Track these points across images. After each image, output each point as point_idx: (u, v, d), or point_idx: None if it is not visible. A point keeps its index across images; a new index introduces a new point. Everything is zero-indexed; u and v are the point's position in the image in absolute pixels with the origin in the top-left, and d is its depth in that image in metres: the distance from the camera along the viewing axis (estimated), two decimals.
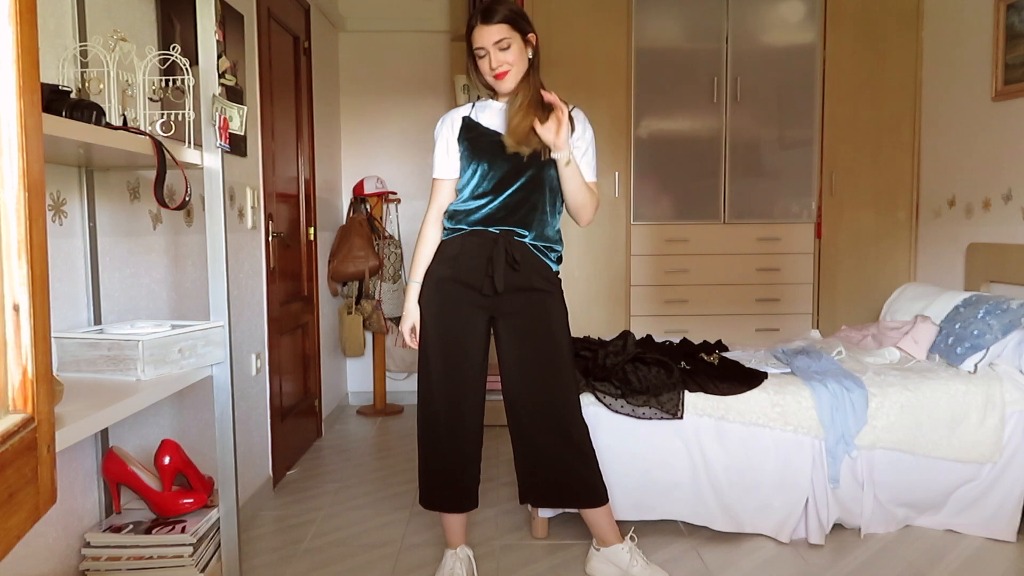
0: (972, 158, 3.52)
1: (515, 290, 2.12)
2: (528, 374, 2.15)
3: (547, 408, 2.15)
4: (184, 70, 1.73)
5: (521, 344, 2.15)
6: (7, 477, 0.51)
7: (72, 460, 1.74)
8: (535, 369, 2.15)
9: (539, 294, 2.14)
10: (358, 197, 4.33)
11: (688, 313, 4.00)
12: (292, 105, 3.55)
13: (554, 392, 2.14)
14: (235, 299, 2.74)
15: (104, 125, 1.41)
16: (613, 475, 2.44)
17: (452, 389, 2.15)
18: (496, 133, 2.13)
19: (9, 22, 0.52)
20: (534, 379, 2.15)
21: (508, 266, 2.09)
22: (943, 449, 2.53)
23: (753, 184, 3.97)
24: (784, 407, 2.50)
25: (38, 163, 0.56)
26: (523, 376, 2.15)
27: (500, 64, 2.07)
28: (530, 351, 2.14)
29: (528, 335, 2.15)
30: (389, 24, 4.42)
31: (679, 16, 3.93)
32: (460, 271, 2.12)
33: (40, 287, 0.56)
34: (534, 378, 2.15)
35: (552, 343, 2.15)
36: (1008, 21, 3.23)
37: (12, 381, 0.55)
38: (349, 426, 4.15)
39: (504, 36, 2.05)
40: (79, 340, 1.58)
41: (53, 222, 1.67)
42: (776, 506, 2.51)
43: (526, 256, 2.12)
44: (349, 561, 2.44)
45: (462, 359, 2.14)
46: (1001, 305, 2.77)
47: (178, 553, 1.75)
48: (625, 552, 2.25)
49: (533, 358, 2.14)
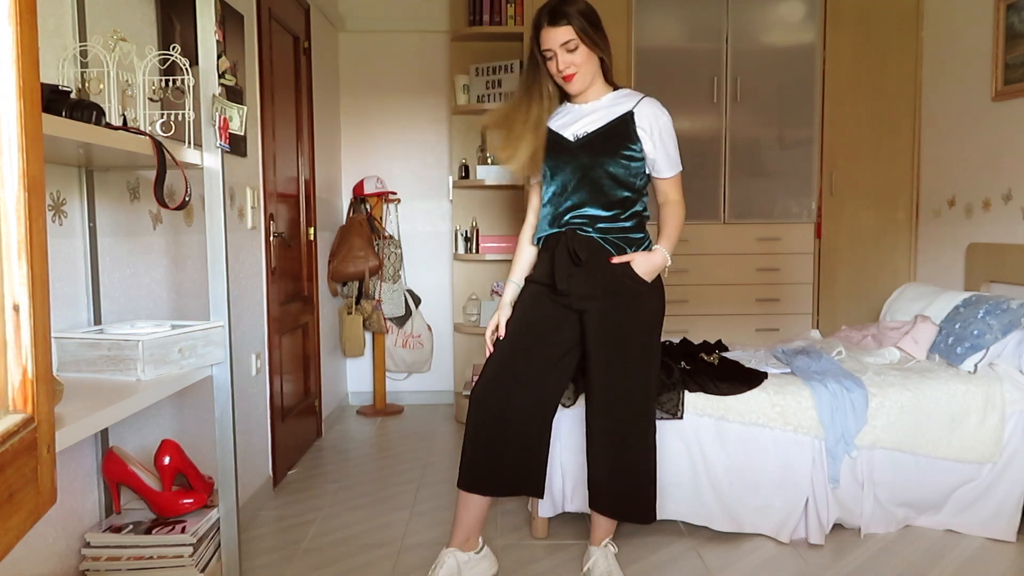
0: (972, 158, 3.52)
1: (591, 290, 2.10)
2: (603, 383, 2.12)
3: (619, 422, 2.13)
4: (184, 70, 1.73)
5: (598, 349, 2.11)
6: (7, 477, 0.51)
7: (72, 460, 1.74)
8: (610, 378, 2.11)
9: (617, 294, 2.09)
10: (358, 197, 4.33)
11: (688, 313, 4.00)
12: (292, 105, 3.55)
13: (628, 403, 2.13)
14: (235, 299, 2.74)
15: (104, 125, 1.41)
16: None
17: (521, 366, 2.12)
18: (557, 134, 2.14)
19: (9, 22, 0.52)
20: (609, 388, 2.12)
21: (571, 263, 2.08)
22: (943, 449, 2.53)
23: (753, 184, 3.97)
24: (784, 407, 2.50)
25: (38, 163, 0.56)
26: (600, 384, 2.13)
27: (568, 66, 2.05)
28: (604, 358, 2.11)
29: (603, 339, 2.11)
30: (389, 24, 4.42)
31: (679, 16, 3.93)
32: (541, 274, 2.18)
33: (40, 287, 0.56)
34: (609, 387, 2.12)
35: (626, 349, 2.11)
36: (1008, 21, 3.23)
37: (12, 381, 0.55)
38: (349, 426, 4.15)
39: (571, 38, 2.03)
40: (79, 340, 1.58)
41: (53, 222, 1.67)
42: (776, 506, 2.51)
43: (593, 251, 2.09)
44: (349, 561, 2.44)
45: (536, 341, 2.13)
46: (1001, 305, 2.77)
47: (178, 553, 1.75)
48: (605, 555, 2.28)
49: (606, 368, 2.11)
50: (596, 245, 2.08)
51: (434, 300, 4.50)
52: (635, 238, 2.13)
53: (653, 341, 2.15)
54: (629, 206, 2.13)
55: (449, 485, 3.12)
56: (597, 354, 2.12)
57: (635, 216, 2.15)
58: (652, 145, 2.11)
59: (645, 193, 2.19)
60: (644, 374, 2.14)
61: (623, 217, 2.12)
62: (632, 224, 2.14)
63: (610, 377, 2.12)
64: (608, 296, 2.10)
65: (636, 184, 2.13)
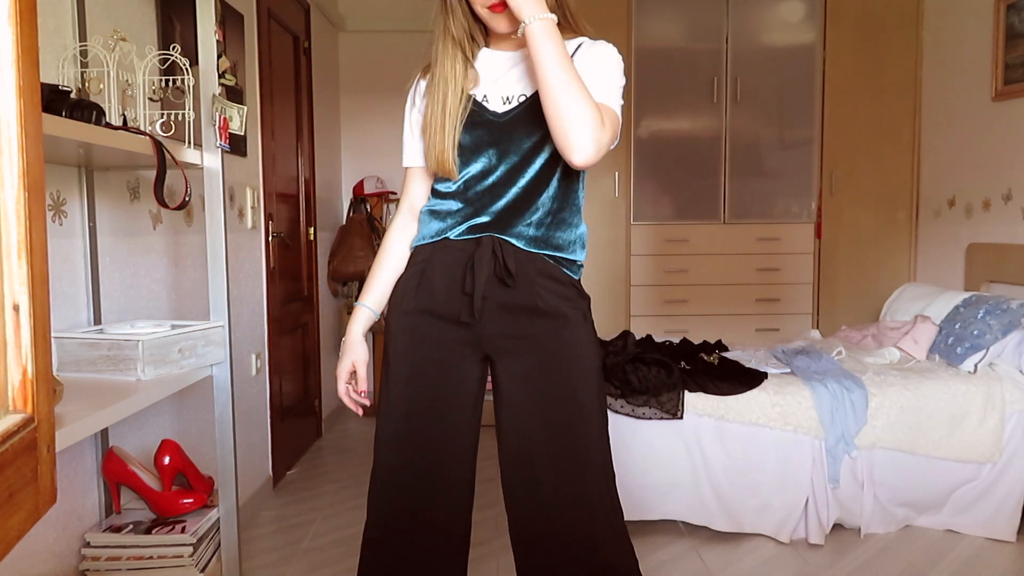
0: (972, 158, 3.52)
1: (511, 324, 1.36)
2: (534, 458, 1.36)
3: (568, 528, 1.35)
4: (184, 70, 1.73)
5: (523, 404, 1.37)
6: (7, 477, 0.51)
7: (72, 460, 1.74)
8: (544, 451, 1.35)
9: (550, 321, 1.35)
10: (358, 197, 4.33)
11: (688, 313, 4.00)
12: (292, 105, 3.55)
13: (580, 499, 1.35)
14: (235, 299, 2.74)
15: (104, 125, 1.41)
16: None
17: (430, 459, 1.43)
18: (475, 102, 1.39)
19: (9, 22, 0.52)
20: (542, 467, 1.35)
21: (497, 281, 1.34)
22: (943, 449, 2.53)
23: (753, 184, 3.97)
24: (784, 407, 2.50)
25: (38, 163, 0.56)
26: (525, 460, 1.37)
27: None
28: (535, 419, 1.35)
29: (530, 390, 1.36)
30: (389, 24, 4.42)
31: (679, 16, 3.93)
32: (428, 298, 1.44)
33: (40, 287, 0.56)
34: (542, 466, 1.35)
35: (573, 405, 1.35)
36: (1008, 21, 3.23)
37: (12, 381, 0.54)
38: (349, 426, 4.15)
39: None
40: (79, 340, 1.58)
41: (53, 222, 1.67)
42: (776, 506, 2.51)
43: (523, 265, 1.35)
44: (349, 561, 2.44)
45: (445, 413, 1.41)
46: (1001, 305, 2.77)
47: (178, 553, 1.75)
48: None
49: (540, 432, 1.35)
50: (527, 256, 1.34)
51: None
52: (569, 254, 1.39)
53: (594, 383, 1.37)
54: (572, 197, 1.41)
55: None
56: (523, 428, 1.36)
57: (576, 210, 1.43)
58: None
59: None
60: (593, 440, 1.36)
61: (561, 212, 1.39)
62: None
63: (551, 474, 1.35)
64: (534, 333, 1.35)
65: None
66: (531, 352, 1.35)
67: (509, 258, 1.33)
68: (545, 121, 1.26)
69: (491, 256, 1.34)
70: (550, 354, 1.35)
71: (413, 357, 1.39)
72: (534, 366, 1.35)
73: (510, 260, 1.33)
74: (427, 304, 1.38)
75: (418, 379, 1.39)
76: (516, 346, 1.36)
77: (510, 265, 1.33)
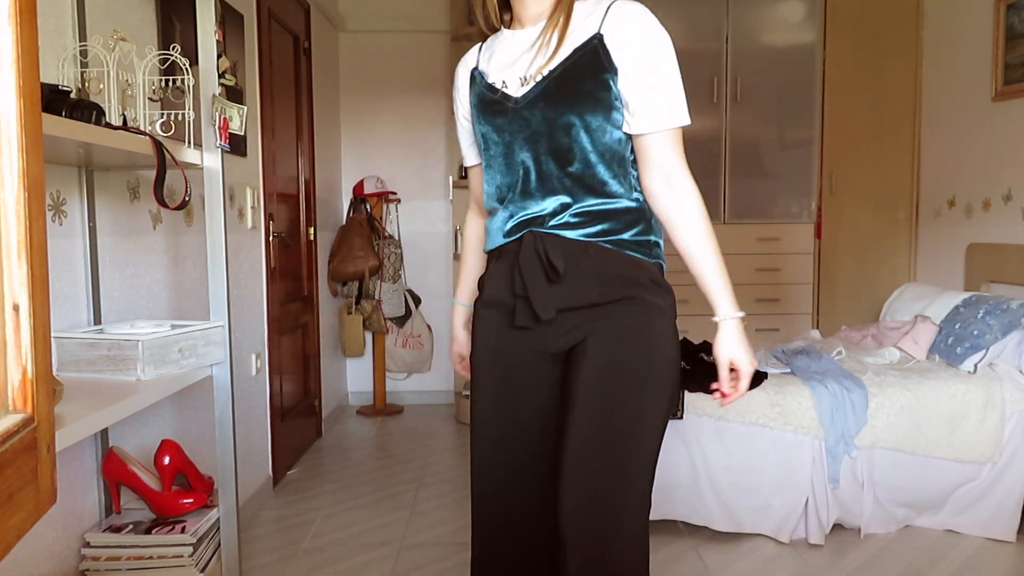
0: (972, 158, 3.52)
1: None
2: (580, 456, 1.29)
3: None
4: (184, 70, 1.73)
5: (584, 412, 1.30)
6: (7, 477, 0.51)
7: (72, 460, 1.74)
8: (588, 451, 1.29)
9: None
10: (358, 197, 4.33)
11: (688, 313, 3.98)
12: (292, 105, 3.55)
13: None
14: (235, 299, 2.74)
15: (104, 125, 1.41)
16: None
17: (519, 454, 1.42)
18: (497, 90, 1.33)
19: (9, 22, 0.52)
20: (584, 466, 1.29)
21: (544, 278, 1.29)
22: (943, 449, 2.53)
23: (753, 184, 3.97)
24: (784, 407, 2.50)
25: (38, 163, 0.56)
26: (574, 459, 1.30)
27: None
28: (588, 417, 1.30)
29: (596, 395, 1.30)
30: (389, 24, 4.42)
31: (679, 16, 3.93)
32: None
33: (40, 287, 0.56)
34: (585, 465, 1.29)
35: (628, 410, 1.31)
36: (1008, 21, 3.23)
37: (12, 381, 0.55)
38: (349, 426, 4.15)
39: None
40: (79, 340, 1.58)
41: (53, 222, 1.67)
42: (776, 506, 2.51)
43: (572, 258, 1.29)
44: (349, 561, 2.44)
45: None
46: (1001, 305, 2.77)
47: (178, 553, 1.75)
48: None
49: (591, 429, 1.30)
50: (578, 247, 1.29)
51: (434, 300, 4.50)
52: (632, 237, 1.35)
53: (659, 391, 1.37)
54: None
55: (449, 485, 3.12)
56: (581, 422, 1.29)
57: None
58: (628, 72, 1.26)
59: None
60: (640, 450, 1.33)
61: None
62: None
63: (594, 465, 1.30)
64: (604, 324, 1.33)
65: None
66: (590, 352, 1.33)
67: (555, 254, 1.28)
68: (567, 97, 1.26)
69: (534, 254, 1.30)
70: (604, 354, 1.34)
71: (493, 359, 1.40)
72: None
73: (556, 256, 1.28)
74: (494, 302, 1.38)
75: (502, 387, 1.39)
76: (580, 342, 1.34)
77: (556, 261, 1.28)
